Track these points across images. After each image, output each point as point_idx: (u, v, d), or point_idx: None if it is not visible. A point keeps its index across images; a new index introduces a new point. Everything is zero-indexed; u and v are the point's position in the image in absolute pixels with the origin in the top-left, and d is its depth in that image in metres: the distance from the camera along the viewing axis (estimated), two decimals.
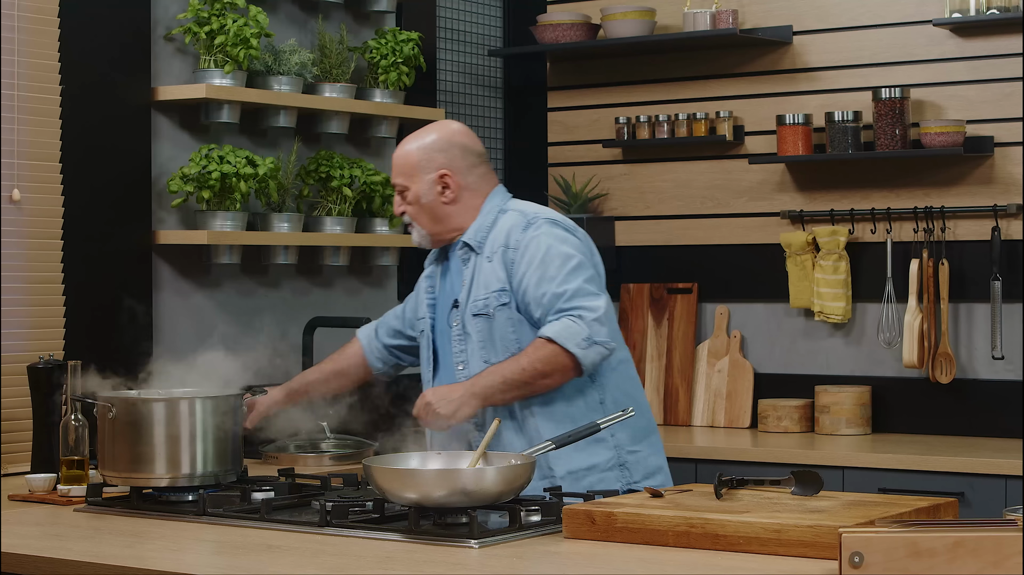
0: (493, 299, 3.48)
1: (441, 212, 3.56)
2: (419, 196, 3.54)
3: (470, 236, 3.55)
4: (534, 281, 3.43)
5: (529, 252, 3.46)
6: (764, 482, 3.08)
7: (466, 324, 3.52)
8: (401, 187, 3.56)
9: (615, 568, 2.65)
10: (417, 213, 3.56)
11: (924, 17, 5.09)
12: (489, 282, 3.49)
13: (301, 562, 2.75)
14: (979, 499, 4.43)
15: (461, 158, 3.56)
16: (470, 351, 3.52)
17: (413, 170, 3.54)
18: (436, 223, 3.57)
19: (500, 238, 3.51)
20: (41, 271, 4.26)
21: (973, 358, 5.05)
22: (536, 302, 3.43)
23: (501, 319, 3.47)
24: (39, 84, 4.25)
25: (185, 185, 4.53)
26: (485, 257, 3.52)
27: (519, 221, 3.51)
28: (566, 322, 3.39)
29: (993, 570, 2.32)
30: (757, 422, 5.25)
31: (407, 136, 3.62)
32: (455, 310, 3.55)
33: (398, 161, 3.57)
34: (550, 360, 3.38)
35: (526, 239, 3.47)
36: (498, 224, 3.54)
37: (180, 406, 3.36)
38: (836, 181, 5.26)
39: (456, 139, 3.58)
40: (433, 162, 3.54)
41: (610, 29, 5.44)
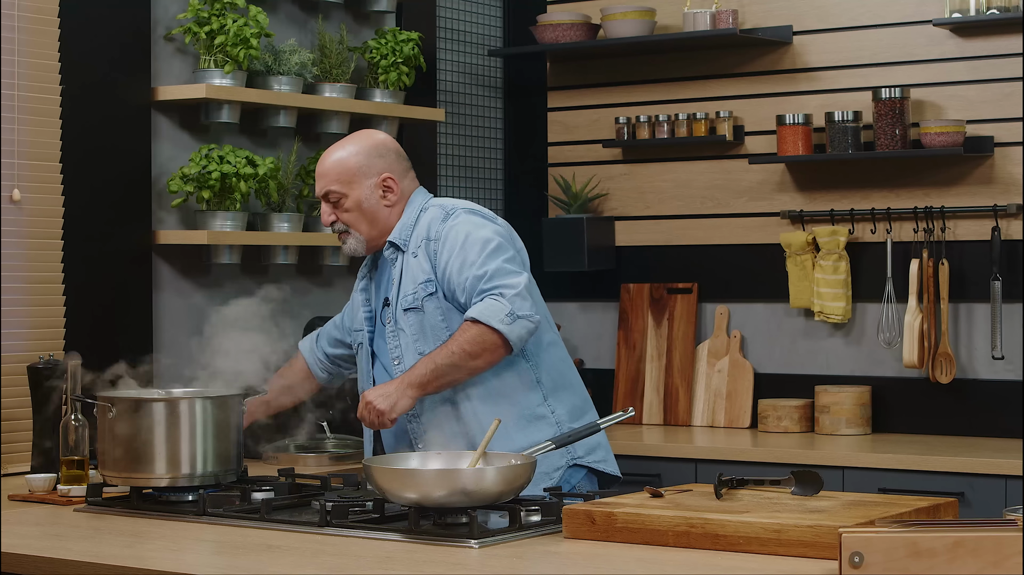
0: (420, 291, 3.54)
1: (381, 215, 3.61)
2: (360, 201, 3.60)
3: (395, 235, 3.61)
4: (456, 267, 3.49)
5: (450, 240, 3.52)
6: (764, 482, 3.08)
7: (398, 320, 3.57)
8: (337, 195, 3.60)
9: (615, 568, 2.65)
10: (356, 220, 3.61)
11: (924, 17, 5.09)
12: (416, 276, 3.56)
13: (301, 562, 2.75)
14: (979, 499, 4.43)
15: (397, 162, 3.65)
16: (404, 345, 3.57)
17: (352, 176, 3.59)
18: (374, 227, 3.62)
19: (422, 232, 3.58)
20: (41, 271, 4.26)
21: (973, 358, 5.05)
22: (460, 287, 3.49)
23: (430, 309, 3.53)
24: (39, 84, 4.25)
25: (185, 185, 4.53)
26: (411, 253, 3.58)
27: (438, 214, 3.58)
28: (488, 301, 3.43)
29: (993, 570, 2.32)
30: (757, 422, 5.25)
31: (331, 147, 3.67)
32: (387, 308, 3.61)
33: (332, 169, 3.60)
34: (477, 340, 3.42)
35: (446, 229, 3.54)
36: (420, 221, 3.60)
37: (180, 406, 3.36)
38: (836, 181, 5.26)
39: (390, 144, 3.67)
40: (374, 167, 3.61)
41: (610, 29, 5.44)
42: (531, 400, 3.55)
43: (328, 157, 3.63)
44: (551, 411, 3.56)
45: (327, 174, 3.61)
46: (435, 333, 3.54)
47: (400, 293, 3.58)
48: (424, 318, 3.54)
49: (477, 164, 5.76)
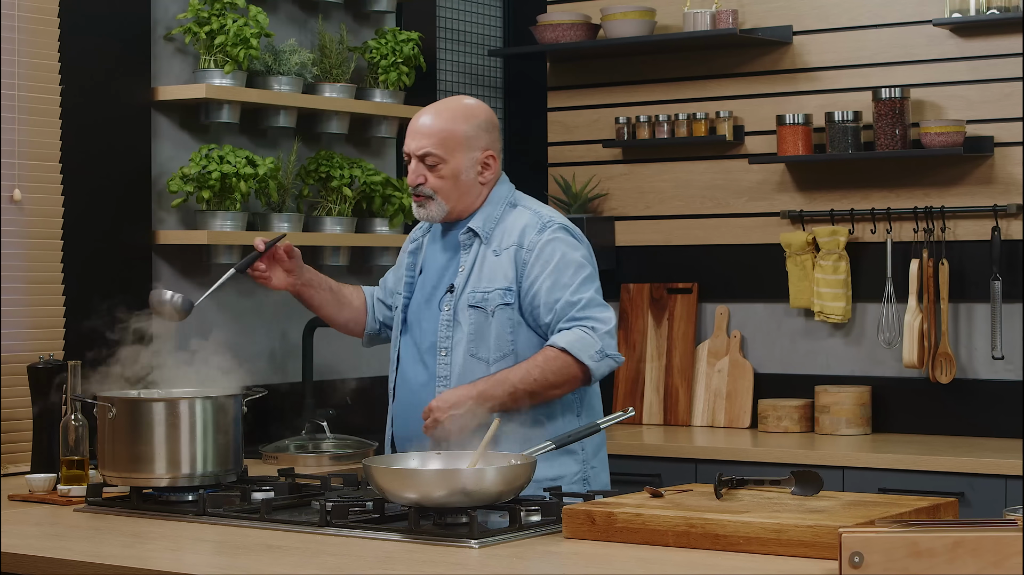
0: (496, 297, 3.44)
1: (473, 192, 3.49)
2: (459, 172, 3.46)
3: (478, 224, 3.49)
4: (547, 286, 3.41)
5: (543, 256, 3.43)
6: (764, 482, 3.08)
7: (458, 312, 3.47)
8: (436, 159, 3.45)
9: (615, 568, 2.65)
10: (448, 189, 3.46)
11: (924, 17, 5.09)
12: (494, 277, 3.46)
13: (301, 562, 2.75)
14: (979, 499, 4.43)
15: (498, 140, 3.53)
16: (456, 340, 3.47)
17: (458, 145, 3.45)
18: (461, 201, 3.49)
19: (513, 235, 3.47)
20: (41, 271, 4.26)
21: (973, 358, 5.05)
22: (547, 307, 3.41)
23: (500, 319, 3.44)
24: (39, 84, 4.25)
25: (185, 185, 4.53)
26: (492, 249, 3.48)
27: (533, 221, 3.48)
28: (579, 333, 3.37)
29: (993, 570, 2.32)
30: (757, 422, 5.25)
31: (439, 105, 3.51)
32: (449, 295, 3.49)
33: (439, 132, 3.45)
34: (562, 371, 3.37)
35: (540, 242, 3.44)
36: (508, 218, 3.50)
37: (180, 406, 3.36)
38: (836, 181, 5.26)
39: (495, 121, 3.54)
40: (480, 141, 3.47)
41: (610, 29, 5.44)
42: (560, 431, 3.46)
43: (434, 117, 3.47)
44: (581, 447, 3.50)
45: (432, 135, 3.45)
46: (498, 344, 3.44)
47: (468, 286, 3.47)
48: (489, 323, 3.44)
49: None
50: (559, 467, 3.47)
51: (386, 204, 5.06)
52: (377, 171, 5.04)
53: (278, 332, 4.97)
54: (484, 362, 3.44)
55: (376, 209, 5.06)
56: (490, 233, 3.49)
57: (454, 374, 3.47)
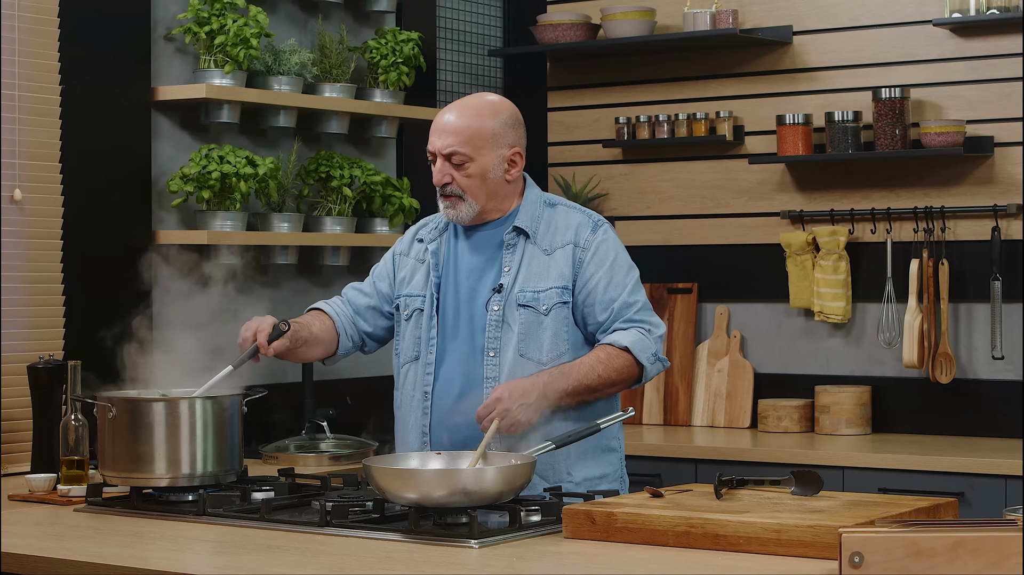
0: (553, 295, 3.40)
1: (502, 190, 3.44)
2: (486, 170, 3.40)
3: (525, 223, 3.44)
4: (604, 284, 3.40)
5: (599, 254, 3.41)
6: (764, 482, 3.08)
7: (507, 312, 3.40)
8: (463, 157, 3.38)
9: (615, 568, 2.65)
10: (476, 188, 3.40)
11: (924, 17, 5.09)
12: (547, 275, 3.41)
13: (301, 562, 2.75)
14: (979, 499, 4.43)
15: (524, 137, 3.49)
16: (505, 340, 3.39)
17: (485, 143, 3.39)
18: (491, 199, 3.43)
19: (567, 234, 3.44)
20: (41, 271, 4.26)
21: (973, 358, 5.05)
22: (603, 305, 3.39)
23: (557, 318, 3.40)
24: (39, 84, 4.25)
25: (185, 185, 4.53)
26: (541, 248, 3.43)
27: (585, 220, 3.46)
28: (637, 334, 3.37)
29: (993, 570, 2.32)
30: (757, 422, 5.25)
31: (464, 103, 3.45)
32: (496, 295, 3.41)
33: (465, 129, 3.38)
34: (623, 370, 3.36)
35: (596, 240, 3.42)
36: (554, 217, 3.46)
37: (180, 406, 3.36)
38: (836, 181, 5.26)
39: (520, 117, 3.48)
40: (507, 138, 3.42)
41: (610, 29, 5.44)
42: (610, 431, 3.46)
43: (459, 115, 3.40)
44: (620, 444, 3.52)
45: (458, 132, 3.38)
46: (554, 342, 3.39)
47: (518, 285, 3.41)
48: (542, 323, 3.39)
49: None
50: (605, 465, 3.48)
51: (386, 204, 5.06)
52: (377, 171, 5.04)
53: None
54: (535, 362, 3.38)
55: (376, 209, 5.06)
56: (536, 231, 3.45)
57: (503, 375, 3.38)
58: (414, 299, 3.52)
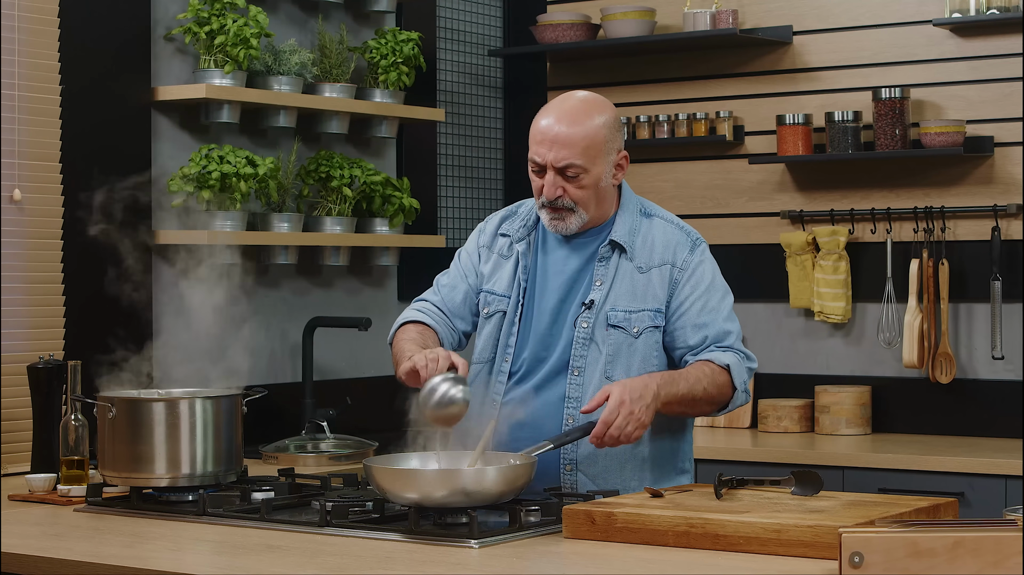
0: (646, 319, 3.26)
1: (608, 197, 3.26)
2: (600, 179, 3.21)
3: (622, 236, 3.28)
4: (698, 307, 3.26)
5: (695, 276, 3.28)
6: (764, 482, 3.08)
7: (595, 331, 3.25)
8: (578, 170, 3.18)
9: (615, 568, 2.65)
10: (588, 199, 3.21)
11: (924, 17, 5.09)
12: (642, 296, 3.27)
13: (301, 562, 2.75)
14: (979, 499, 4.43)
15: (623, 138, 3.33)
16: (591, 359, 3.26)
17: (599, 151, 3.20)
18: (599, 208, 3.26)
19: (664, 252, 3.29)
20: (41, 271, 4.26)
21: (973, 358, 5.05)
22: (696, 328, 3.26)
23: (648, 341, 3.27)
24: (39, 84, 4.25)
25: (185, 185, 4.53)
26: (636, 266, 3.28)
27: (683, 239, 3.31)
28: (736, 358, 3.25)
29: (993, 570, 2.32)
30: (757, 422, 5.25)
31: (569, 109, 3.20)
32: (586, 311, 3.26)
33: (581, 140, 3.17)
34: (722, 390, 3.23)
35: (693, 262, 3.29)
36: (650, 232, 3.31)
37: (180, 406, 3.36)
38: (836, 181, 5.26)
39: (618, 115, 3.30)
40: (615, 142, 3.24)
41: (610, 29, 5.44)
42: (685, 452, 3.40)
43: (574, 123, 3.18)
44: (691, 466, 3.42)
45: (574, 144, 3.17)
46: (643, 366, 3.24)
47: (608, 303, 3.26)
48: (632, 344, 3.25)
49: (477, 164, 5.76)
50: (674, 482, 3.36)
51: (386, 204, 5.06)
52: (377, 171, 5.04)
53: (278, 332, 4.97)
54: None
55: (376, 209, 5.06)
56: (633, 246, 3.29)
57: (586, 396, 3.24)
58: (498, 299, 3.37)
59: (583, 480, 3.30)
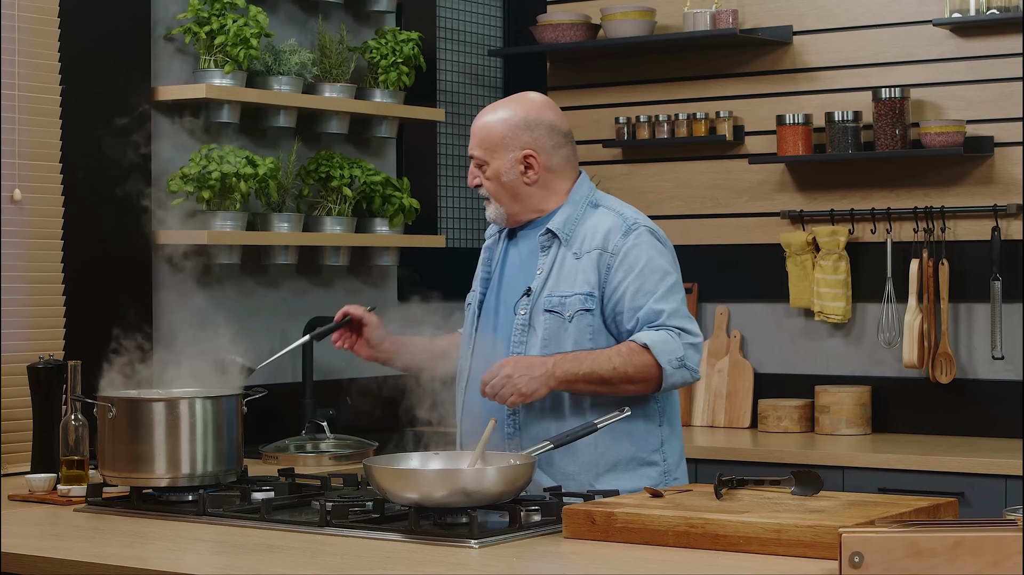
0: (576, 302, 3.34)
1: (523, 192, 3.40)
2: (499, 174, 3.39)
3: (558, 225, 3.39)
4: (632, 291, 3.31)
5: (629, 260, 3.33)
6: (764, 482, 3.08)
7: (533, 316, 3.37)
8: (479, 160, 3.40)
9: (615, 568, 2.65)
10: (496, 191, 3.40)
11: (924, 17, 5.09)
12: (574, 281, 3.36)
13: (301, 562, 2.75)
14: (979, 499, 4.43)
15: (547, 138, 3.40)
16: (530, 344, 3.37)
17: (495, 146, 3.39)
18: (516, 202, 3.41)
19: (596, 238, 3.37)
20: (41, 271, 4.26)
21: (973, 358, 5.05)
22: (630, 313, 3.31)
23: (579, 325, 3.34)
24: (39, 84, 4.25)
25: (185, 185, 4.53)
26: (572, 252, 3.38)
27: (618, 223, 3.37)
28: (665, 335, 3.28)
29: (993, 570, 2.32)
30: (757, 422, 5.25)
31: (490, 105, 3.46)
32: (525, 298, 3.39)
33: (479, 133, 3.40)
34: (641, 368, 3.26)
35: (626, 245, 3.34)
36: (589, 220, 3.40)
37: (180, 406, 3.36)
38: (836, 181, 5.26)
39: (544, 117, 3.41)
40: (518, 140, 3.38)
41: (610, 29, 5.44)
42: (649, 444, 3.41)
43: (481, 117, 3.42)
44: (663, 458, 3.42)
45: (475, 135, 3.41)
46: (576, 349, 3.32)
47: (546, 290, 3.38)
48: (566, 328, 3.34)
49: None
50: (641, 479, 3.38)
51: (386, 204, 5.06)
52: (377, 171, 5.04)
53: (278, 332, 4.97)
54: None
55: (376, 209, 5.06)
56: (570, 235, 3.39)
57: None
58: (473, 295, 3.55)
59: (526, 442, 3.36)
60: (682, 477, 3.50)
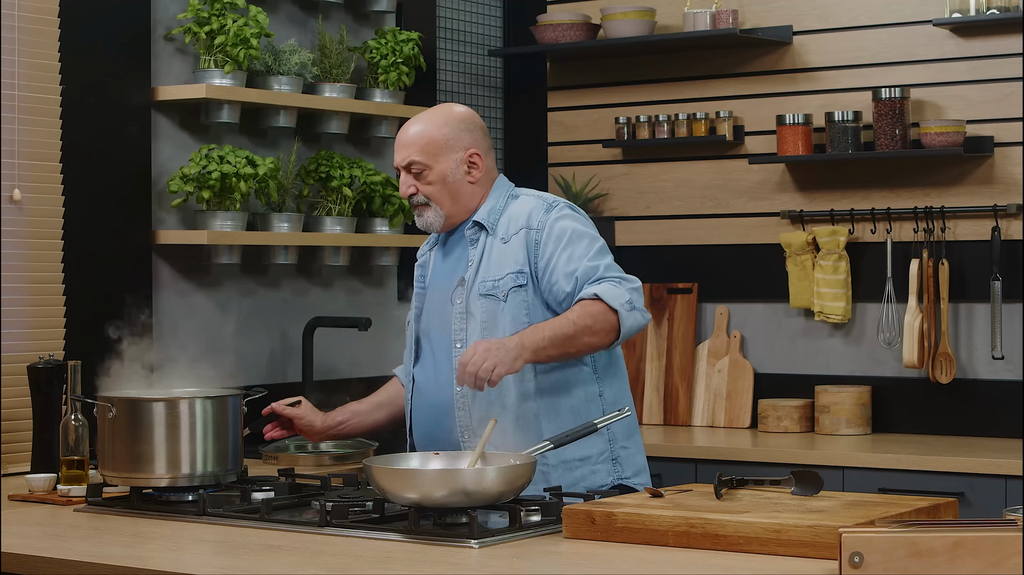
0: (509, 280, 3.44)
1: (465, 192, 3.50)
2: (445, 175, 3.48)
3: (483, 216, 3.50)
4: (564, 259, 3.41)
5: (555, 232, 3.43)
6: (764, 482, 3.08)
7: (470, 303, 3.46)
8: (420, 166, 3.47)
9: (615, 568, 2.65)
10: (438, 193, 3.49)
11: (924, 17, 5.09)
12: (504, 263, 3.46)
13: (301, 562, 2.75)
14: (979, 499, 4.44)
15: (483, 138, 3.54)
16: (470, 331, 3.45)
17: (439, 148, 3.48)
18: (456, 203, 3.50)
19: (520, 220, 3.48)
20: (41, 271, 4.26)
21: (973, 358, 5.05)
22: (567, 277, 3.40)
23: (514, 302, 3.43)
24: (39, 84, 4.25)
25: (185, 185, 4.53)
26: (499, 238, 3.48)
27: (538, 204, 3.49)
28: (608, 285, 3.36)
29: (993, 570, 2.32)
30: (757, 422, 5.25)
31: (416, 116, 3.56)
32: (459, 288, 3.49)
33: (418, 140, 3.48)
34: (598, 317, 3.33)
35: (550, 220, 3.45)
36: (511, 207, 3.52)
37: (180, 406, 3.36)
38: (836, 181, 5.26)
39: (477, 121, 3.55)
40: (461, 140, 3.49)
41: (610, 29, 5.44)
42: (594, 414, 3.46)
43: (412, 127, 3.51)
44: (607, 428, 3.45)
45: (412, 144, 3.48)
46: (514, 326, 3.41)
47: (479, 277, 3.47)
48: (502, 308, 3.43)
49: None
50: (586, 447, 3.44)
51: (386, 204, 5.06)
52: (377, 171, 5.04)
53: (278, 332, 4.97)
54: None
55: (376, 209, 5.06)
56: (495, 223, 3.51)
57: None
58: (411, 311, 3.63)
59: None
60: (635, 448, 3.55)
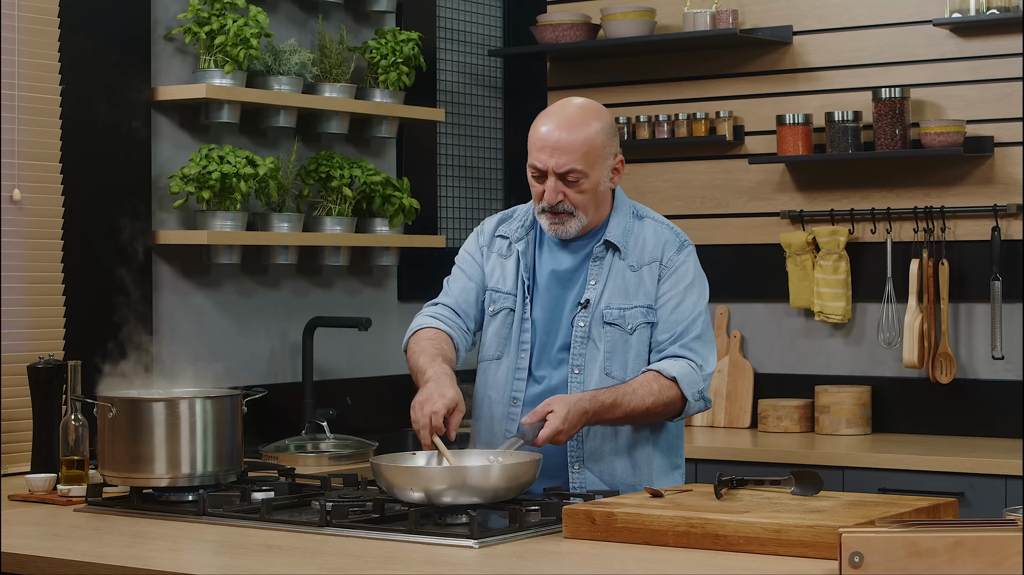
0: (638, 315, 3.34)
1: (606, 200, 3.36)
2: (598, 184, 3.31)
3: (615, 236, 3.36)
4: (673, 304, 3.34)
5: (677, 275, 3.36)
6: (764, 482, 3.08)
7: (592, 329, 3.34)
8: (579, 175, 3.27)
9: (615, 568, 2.65)
10: (587, 203, 3.31)
11: (924, 17, 5.09)
12: (634, 294, 3.35)
13: (301, 562, 2.75)
14: (979, 499, 4.43)
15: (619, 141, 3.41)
16: (589, 357, 3.34)
17: (598, 156, 3.29)
18: (597, 212, 3.35)
19: (652, 250, 3.38)
20: (41, 271, 4.26)
21: (973, 358, 5.05)
22: (666, 326, 3.33)
23: (641, 338, 3.35)
24: (39, 84, 4.25)
25: (185, 185, 4.53)
26: (628, 264, 3.36)
27: (671, 238, 3.40)
28: (687, 367, 3.30)
29: (993, 570, 2.32)
30: (757, 422, 5.25)
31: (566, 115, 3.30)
32: (583, 310, 3.34)
33: (581, 147, 3.26)
34: (670, 404, 3.29)
35: (678, 261, 3.37)
36: (642, 231, 3.39)
37: (180, 406, 3.36)
38: (836, 181, 5.26)
39: (612, 121, 3.39)
40: (612, 146, 3.33)
41: (610, 29, 5.44)
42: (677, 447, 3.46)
43: (572, 129, 3.27)
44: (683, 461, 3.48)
45: (574, 150, 3.26)
46: (636, 363, 3.33)
47: (603, 301, 3.34)
48: (628, 342, 3.33)
49: (477, 164, 5.76)
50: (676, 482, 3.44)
51: (386, 204, 5.06)
52: (377, 171, 5.04)
53: (278, 332, 4.97)
54: (618, 381, 3.33)
55: (376, 209, 5.06)
56: (626, 246, 3.37)
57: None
58: (504, 297, 3.44)
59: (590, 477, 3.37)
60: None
